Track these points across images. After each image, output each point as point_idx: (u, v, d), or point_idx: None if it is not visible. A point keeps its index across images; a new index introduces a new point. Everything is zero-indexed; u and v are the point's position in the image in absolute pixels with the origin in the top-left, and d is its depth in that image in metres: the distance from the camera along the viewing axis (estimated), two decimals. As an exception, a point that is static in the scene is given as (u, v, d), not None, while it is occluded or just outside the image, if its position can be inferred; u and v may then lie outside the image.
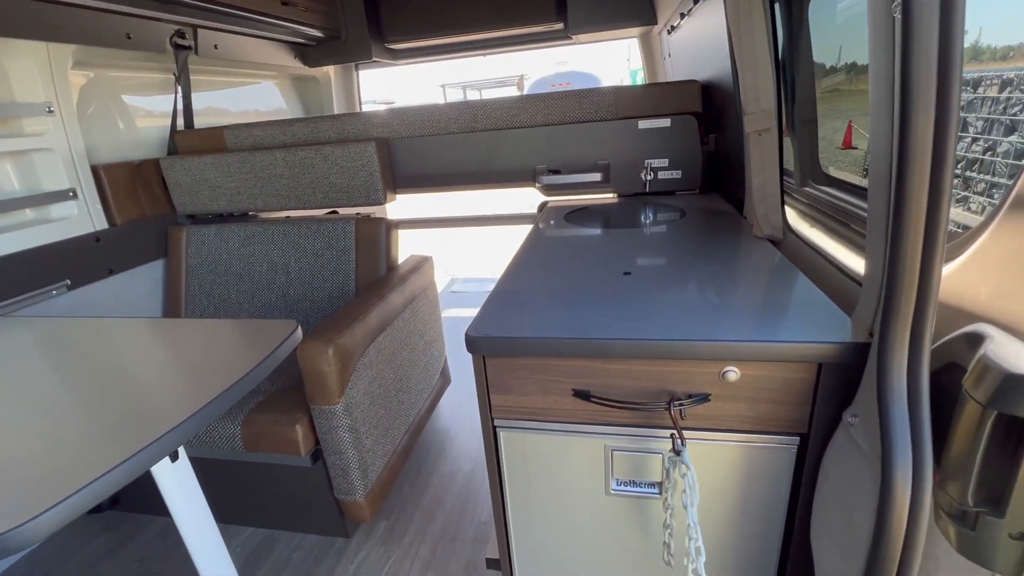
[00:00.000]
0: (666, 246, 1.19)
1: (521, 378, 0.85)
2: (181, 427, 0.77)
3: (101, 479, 0.67)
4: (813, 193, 1.31)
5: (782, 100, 1.19)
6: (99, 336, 1.15)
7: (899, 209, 0.58)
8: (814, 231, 1.22)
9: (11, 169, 1.67)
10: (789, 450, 0.80)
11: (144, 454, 0.72)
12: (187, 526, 0.98)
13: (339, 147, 1.82)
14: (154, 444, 0.73)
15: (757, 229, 1.21)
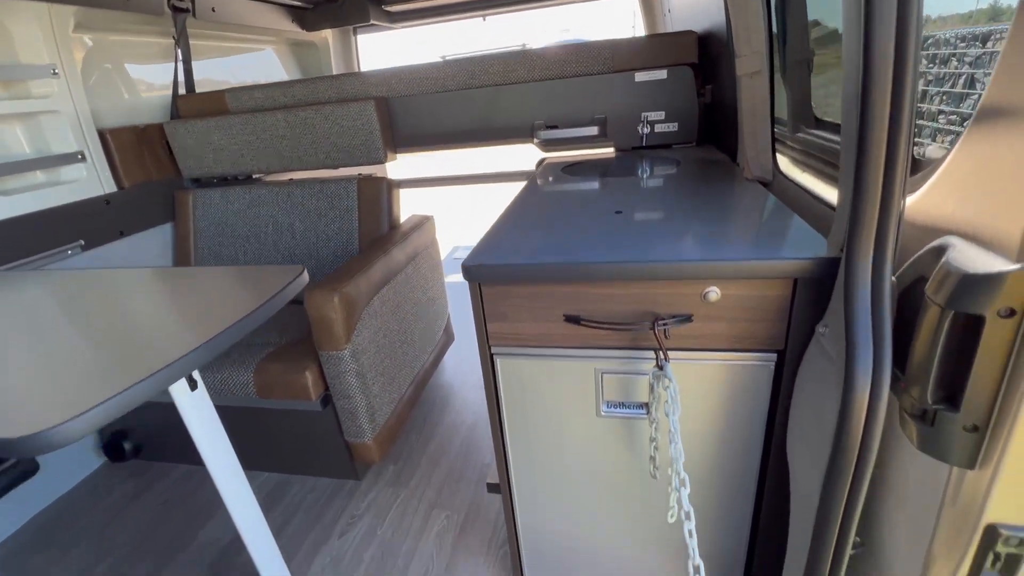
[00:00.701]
0: (658, 190, 1.22)
1: (515, 306, 0.90)
2: (197, 351, 0.83)
3: (128, 391, 0.73)
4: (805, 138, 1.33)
5: (773, 42, 1.20)
6: (115, 284, 1.21)
7: (863, 129, 0.61)
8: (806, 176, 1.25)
9: (21, 132, 1.72)
10: (767, 367, 0.85)
11: (164, 373, 0.78)
12: (208, 452, 1.06)
13: (339, 107, 1.84)
14: (173, 365, 0.79)
15: (747, 172, 1.24)
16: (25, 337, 0.95)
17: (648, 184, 1.31)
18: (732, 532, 1.03)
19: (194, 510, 1.64)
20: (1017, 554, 0.64)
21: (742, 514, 1.00)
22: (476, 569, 1.34)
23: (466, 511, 1.53)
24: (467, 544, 1.42)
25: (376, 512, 1.56)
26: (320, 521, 1.55)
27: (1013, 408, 0.57)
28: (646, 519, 1.06)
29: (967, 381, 0.58)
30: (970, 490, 0.62)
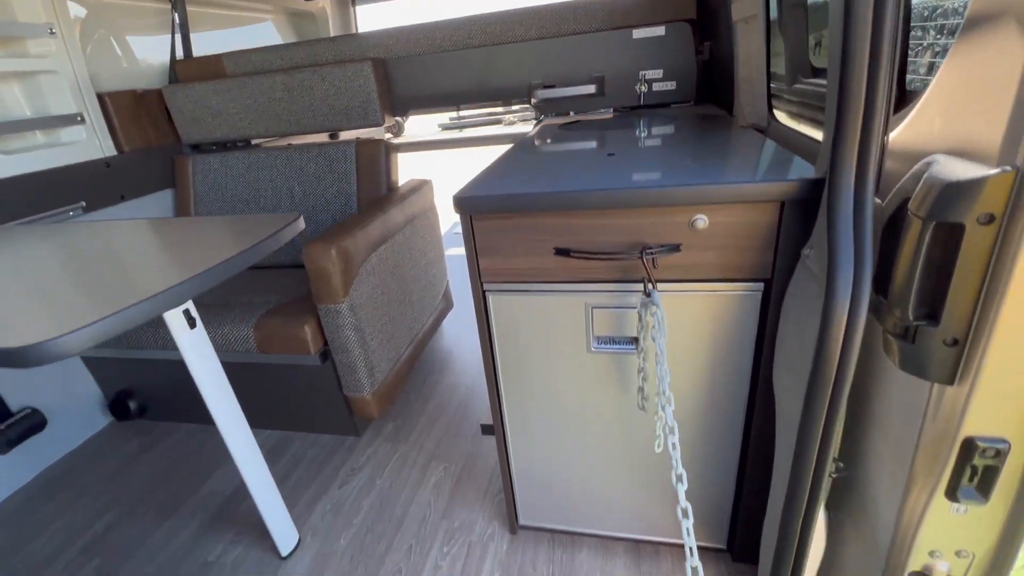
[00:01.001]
0: (652, 138, 1.22)
1: (506, 239, 0.92)
2: (190, 281, 0.85)
3: (123, 312, 0.75)
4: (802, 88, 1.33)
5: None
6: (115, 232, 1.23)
7: (845, 45, 0.62)
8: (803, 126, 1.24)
9: (19, 92, 1.72)
10: (754, 296, 0.86)
11: (161, 298, 0.80)
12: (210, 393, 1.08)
13: (337, 68, 1.83)
14: (167, 292, 0.81)
15: (741, 119, 1.24)
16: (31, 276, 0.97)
17: (642, 134, 1.31)
18: (720, 463, 1.05)
19: (197, 466, 1.68)
20: (993, 466, 0.65)
21: (730, 445, 1.02)
22: (472, 514, 1.37)
23: (463, 463, 1.56)
24: (463, 493, 1.45)
25: (375, 465, 1.60)
26: (321, 473, 1.58)
27: (990, 318, 0.57)
28: (634, 454, 1.08)
29: (947, 294, 0.59)
30: (949, 405, 0.63)
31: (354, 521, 1.40)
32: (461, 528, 1.34)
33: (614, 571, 1.18)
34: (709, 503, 1.11)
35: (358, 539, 1.34)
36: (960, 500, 0.68)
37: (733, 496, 1.08)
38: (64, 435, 1.81)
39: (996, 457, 0.65)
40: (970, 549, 0.74)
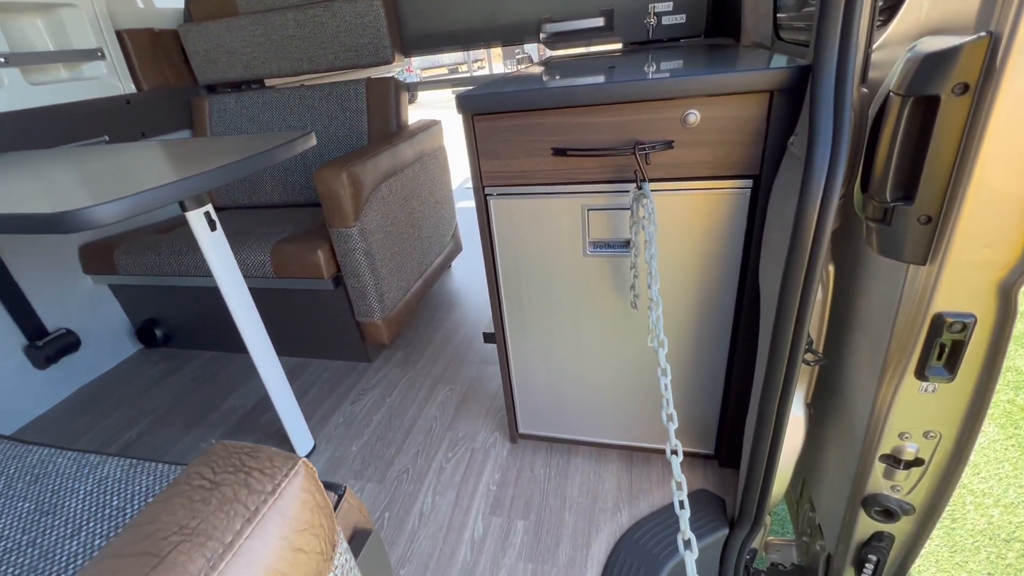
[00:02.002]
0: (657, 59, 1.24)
1: (506, 140, 0.95)
2: (208, 174, 0.90)
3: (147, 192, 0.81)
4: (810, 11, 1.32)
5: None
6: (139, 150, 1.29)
7: None
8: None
9: (42, 25, 1.78)
10: (744, 193, 0.89)
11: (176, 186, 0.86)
12: (229, 291, 1.16)
13: (347, 3, 1.85)
14: (185, 181, 0.87)
15: (746, 38, 1.24)
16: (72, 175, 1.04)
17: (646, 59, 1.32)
18: (710, 368, 1.10)
19: (220, 385, 1.79)
20: (959, 340, 0.69)
21: (719, 348, 1.07)
22: (474, 427, 1.46)
23: (468, 386, 1.64)
24: (467, 411, 1.53)
25: (385, 386, 1.68)
26: (334, 392, 1.68)
27: (961, 191, 0.60)
28: (627, 361, 1.13)
29: (921, 169, 0.62)
30: (921, 285, 0.67)
31: (365, 432, 1.49)
32: (464, 438, 1.42)
33: (605, 474, 1.25)
34: (697, 409, 1.16)
35: (368, 446, 1.44)
36: (928, 378, 0.73)
37: (720, 402, 1.14)
38: (96, 359, 1.93)
39: (962, 331, 0.68)
40: (937, 429, 0.78)
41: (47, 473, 0.78)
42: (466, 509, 1.21)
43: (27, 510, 0.72)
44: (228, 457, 0.38)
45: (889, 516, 0.88)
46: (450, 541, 1.14)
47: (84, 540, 0.66)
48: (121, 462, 0.78)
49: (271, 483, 0.37)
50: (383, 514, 1.22)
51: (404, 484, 1.30)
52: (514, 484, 1.26)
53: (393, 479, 1.32)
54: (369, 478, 1.33)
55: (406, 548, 1.13)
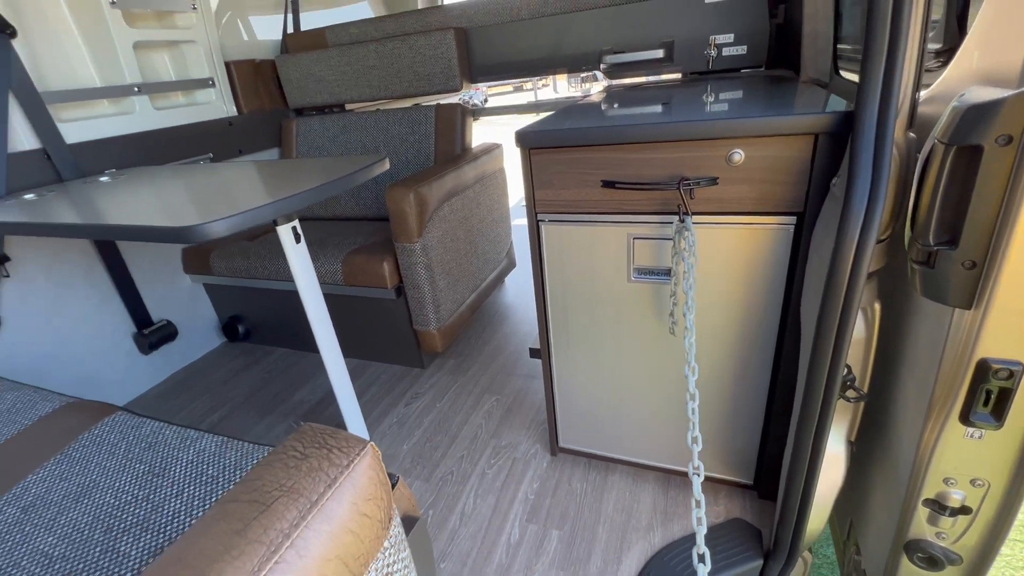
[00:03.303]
0: (711, 93, 1.28)
1: (560, 172, 1.03)
2: (298, 196, 1.05)
3: (249, 212, 0.96)
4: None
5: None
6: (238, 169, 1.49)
7: (871, 8, 0.66)
8: None
9: (167, 59, 2.07)
10: (787, 230, 0.92)
11: (273, 206, 1.00)
12: (307, 295, 1.30)
13: (422, 36, 2.02)
14: (279, 202, 1.02)
15: (804, 74, 1.26)
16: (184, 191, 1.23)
17: (703, 91, 1.36)
18: (750, 397, 1.11)
19: (290, 379, 1.97)
20: (1007, 388, 0.69)
21: (760, 379, 1.08)
22: (517, 437, 1.52)
23: (514, 397, 1.71)
24: (511, 421, 1.61)
25: (436, 391, 1.79)
26: (390, 394, 1.81)
27: (1006, 240, 0.62)
28: (666, 384, 1.17)
29: (965, 215, 0.64)
30: (966, 329, 0.68)
31: (415, 433, 1.60)
32: (507, 447, 1.50)
33: (641, 494, 1.28)
34: (737, 438, 1.17)
35: (418, 446, 1.54)
36: (974, 424, 0.73)
37: (761, 432, 1.14)
38: (188, 349, 2.18)
39: (1009, 379, 0.68)
40: (984, 477, 0.77)
41: (157, 442, 0.93)
42: (504, 514, 1.28)
43: (142, 471, 0.87)
44: (314, 436, 0.48)
45: (934, 564, 0.86)
46: (488, 542, 1.21)
47: (186, 500, 0.79)
48: (215, 438, 0.92)
49: (346, 459, 0.46)
50: (428, 511, 1.31)
51: (448, 485, 1.39)
52: (552, 495, 1.32)
53: (439, 479, 1.41)
54: (417, 476, 1.43)
55: (447, 544, 1.21)
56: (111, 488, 0.84)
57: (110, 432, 0.98)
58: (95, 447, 0.94)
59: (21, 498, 0.85)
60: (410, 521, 0.77)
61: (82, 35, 1.74)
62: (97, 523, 0.78)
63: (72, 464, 0.91)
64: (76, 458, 0.92)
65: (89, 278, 1.80)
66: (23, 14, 1.59)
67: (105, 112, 1.83)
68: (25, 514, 0.82)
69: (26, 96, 1.55)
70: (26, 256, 1.62)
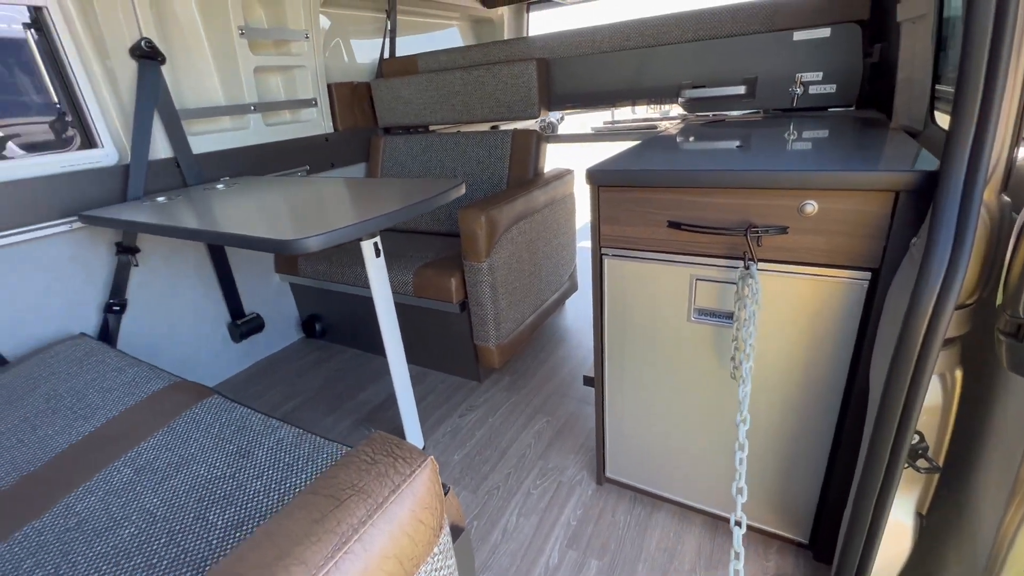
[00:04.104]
0: (792, 134, 1.26)
1: (626, 210, 1.07)
2: (382, 217, 1.15)
3: (340, 230, 1.07)
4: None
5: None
6: (330, 185, 1.65)
7: (966, 40, 0.65)
8: None
9: (280, 81, 2.32)
10: (860, 285, 0.89)
11: (360, 226, 1.11)
12: (380, 303, 1.41)
13: (506, 66, 2.12)
14: (366, 222, 1.12)
15: (895, 120, 1.21)
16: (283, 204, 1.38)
17: (783, 132, 1.34)
18: (809, 453, 1.07)
19: (358, 379, 2.11)
20: None
21: (821, 436, 1.04)
22: (565, 461, 1.54)
23: (565, 420, 1.74)
24: (561, 444, 1.63)
25: (490, 406, 1.85)
26: (447, 403, 1.89)
27: None
28: (721, 428, 1.15)
29: None
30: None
31: (467, 444, 1.66)
32: (554, 470, 1.52)
33: (687, 536, 1.26)
34: (794, 493, 1.13)
35: (468, 458, 1.60)
36: None
37: (820, 490, 1.09)
38: (271, 341, 2.39)
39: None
40: (1075, 576, 0.71)
41: (244, 427, 1.05)
42: (545, 536, 1.30)
43: (231, 451, 0.99)
44: (383, 444, 0.55)
45: (1007, 660, 0.79)
46: (527, 561, 1.24)
47: (265, 482, 0.89)
48: (292, 429, 1.02)
49: (409, 468, 0.52)
50: (473, 522, 1.36)
51: (494, 499, 1.43)
52: (594, 523, 1.32)
53: (485, 492, 1.46)
54: (465, 487, 1.48)
55: (488, 557, 1.26)
56: (205, 462, 0.96)
57: (206, 413, 1.11)
58: (194, 424, 1.08)
59: (135, 461, 1.00)
60: (456, 531, 0.82)
61: (215, 61, 2.00)
62: (192, 492, 0.90)
63: (175, 437, 1.05)
64: (179, 432, 1.06)
65: (199, 271, 2.04)
66: (172, 43, 1.87)
67: (225, 127, 2.09)
68: (137, 475, 0.96)
69: (167, 112, 1.81)
70: (151, 249, 1.87)
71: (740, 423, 0.86)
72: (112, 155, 1.76)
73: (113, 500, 0.91)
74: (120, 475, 0.97)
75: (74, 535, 0.85)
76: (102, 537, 0.84)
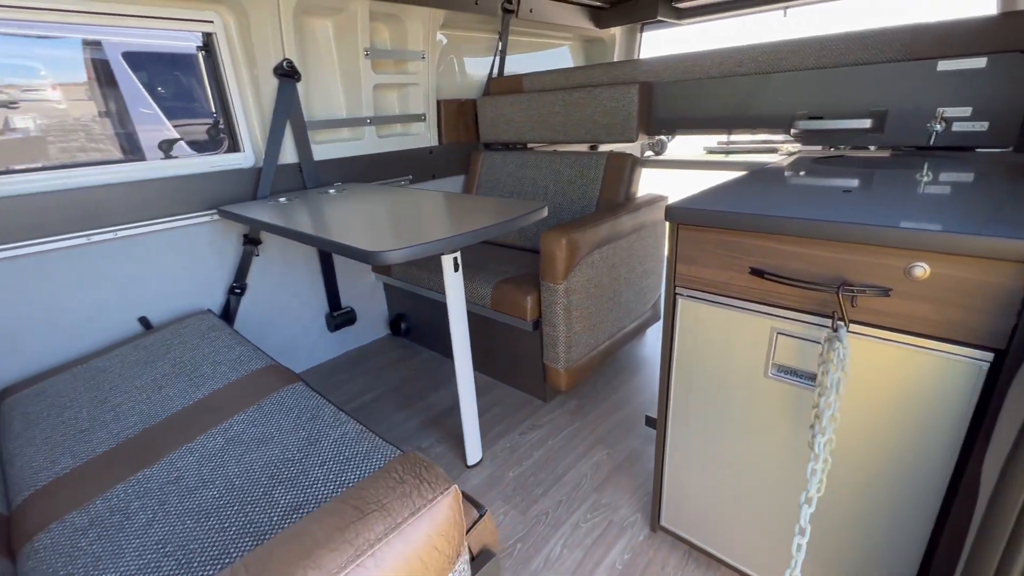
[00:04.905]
0: (925, 176, 1.11)
1: (705, 251, 1.01)
2: (462, 236, 1.21)
3: (422, 245, 1.14)
4: None
5: None
6: (428, 197, 1.75)
7: None
8: None
9: (396, 98, 2.52)
10: (978, 366, 0.76)
11: (440, 243, 1.17)
12: (453, 314, 1.48)
13: (607, 89, 2.11)
14: (446, 239, 1.18)
15: (1055, 173, 1.01)
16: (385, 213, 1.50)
17: (908, 176, 1.19)
18: (901, 552, 0.93)
19: (432, 381, 2.21)
20: None
21: (915, 536, 0.90)
22: (620, 499, 1.49)
23: (626, 455, 1.67)
24: (618, 479, 1.57)
25: (552, 428, 1.84)
26: (510, 418, 1.91)
27: None
28: (791, 496, 1.04)
29: None
30: None
31: (524, 463, 1.67)
32: (607, 506, 1.47)
33: (744, 609, 1.15)
34: (877, 588, 0.99)
35: (522, 478, 1.60)
36: None
37: None
38: (360, 335, 2.59)
39: None
40: None
41: (317, 416, 1.16)
42: (587, 574, 1.26)
43: (302, 437, 1.09)
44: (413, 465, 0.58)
45: None
46: (565, 597, 1.21)
47: (325, 471, 0.97)
48: (356, 425, 1.10)
49: (432, 493, 0.54)
50: (516, 544, 1.36)
51: (541, 525, 1.42)
52: (641, 572, 1.26)
53: (534, 516, 1.45)
54: (515, 506, 1.49)
55: (526, 583, 1.25)
56: (280, 444, 1.07)
57: (290, 397, 1.24)
58: (278, 406, 1.20)
59: (227, 432, 1.14)
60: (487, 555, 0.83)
61: (341, 78, 2.23)
62: (265, 468, 1.01)
63: (262, 415, 1.18)
64: (265, 411, 1.19)
65: (307, 264, 2.27)
66: (307, 63, 2.11)
67: (343, 137, 2.31)
68: (227, 444, 1.09)
69: (297, 123, 2.05)
70: (270, 242, 2.12)
71: (804, 504, 0.77)
72: (250, 159, 2.03)
73: (205, 463, 1.05)
74: (214, 442, 1.11)
75: (171, 488, 0.99)
76: (192, 494, 0.97)
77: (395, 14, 2.27)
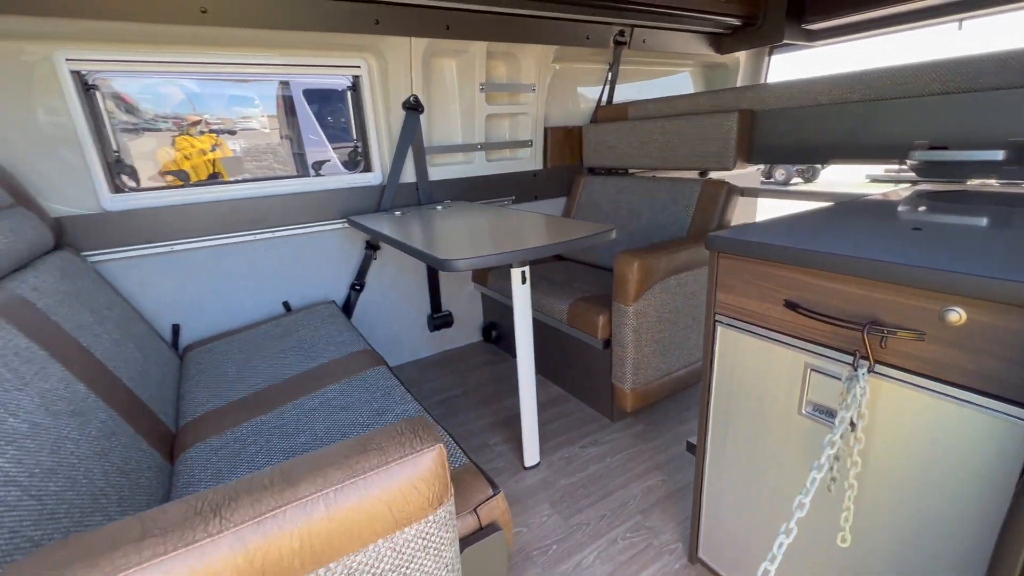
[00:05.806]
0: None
1: (744, 281, 1.02)
2: (532, 249, 1.35)
3: (489, 255, 1.31)
4: None
5: None
6: (522, 217, 1.93)
7: None
8: None
9: (506, 125, 2.77)
10: (1018, 425, 0.69)
11: (514, 253, 1.33)
12: (519, 324, 1.62)
13: (707, 117, 2.11)
14: (516, 252, 1.33)
15: None
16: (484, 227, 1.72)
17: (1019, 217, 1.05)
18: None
19: (510, 387, 2.37)
20: None
21: (954, 608, 0.81)
22: (665, 525, 1.48)
23: (680, 487, 1.64)
24: (667, 507, 1.56)
25: (613, 447, 1.87)
26: (574, 431, 1.98)
27: None
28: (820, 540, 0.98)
29: None
30: None
31: (577, 474, 1.73)
32: (650, 529, 1.47)
33: (771, 660, 1.09)
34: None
35: (573, 487, 1.67)
36: None
37: None
38: (455, 337, 2.85)
39: None
40: None
41: (389, 394, 1.37)
42: (615, 588, 1.30)
43: (374, 409, 1.31)
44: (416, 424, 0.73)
45: None
46: (586, 602, 1.26)
47: (382, 437, 1.17)
48: (417, 406, 1.30)
49: (420, 447, 0.68)
50: (552, 544, 1.44)
51: (580, 533, 1.47)
52: (669, 599, 1.26)
53: (575, 524, 1.51)
54: (559, 511, 1.56)
55: (553, 581, 1.32)
56: (356, 411, 1.31)
57: (373, 376, 1.48)
58: (362, 382, 1.45)
59: (322, 396, 1.41)
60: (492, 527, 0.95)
61: (459, 109, 2.54)
62: (340, 428, 1.24)
63: (347, 388, 1.43)
64: (352, 385, 1.45)
65: (415, 270, 2.60)
66: (431, 97, 2.45)
67: (455, 161, 2.62)
68: (319, 406, 1.36)
69: (418, 149, 2.39)
70: (387, 248, 2.48)
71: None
72: (378, 177, 2.41)
73: (301, 418, 1.32)
74: (310, 403, 1.39)
75: (276, 433, 1.28)
76: (289, 439, 1.24)
77: (511, 52, 2.52)
